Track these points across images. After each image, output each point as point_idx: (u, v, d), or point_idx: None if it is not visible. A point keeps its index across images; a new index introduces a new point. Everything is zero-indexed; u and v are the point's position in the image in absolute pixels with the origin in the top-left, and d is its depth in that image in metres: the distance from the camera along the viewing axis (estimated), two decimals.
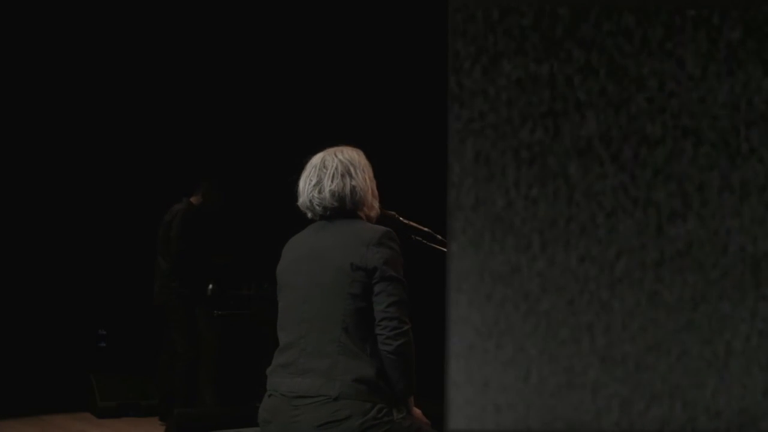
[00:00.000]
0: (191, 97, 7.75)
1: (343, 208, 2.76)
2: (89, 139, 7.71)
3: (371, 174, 2.86)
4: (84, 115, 7.65)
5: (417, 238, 3.12)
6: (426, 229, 3.14)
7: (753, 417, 1.13)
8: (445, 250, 3.08)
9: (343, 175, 2.75)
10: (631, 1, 1.14)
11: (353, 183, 2.76)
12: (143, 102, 7.74)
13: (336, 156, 2.79)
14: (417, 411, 2.79)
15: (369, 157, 2.90)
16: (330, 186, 2.74)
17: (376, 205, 2.88)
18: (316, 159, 2.82)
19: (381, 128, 7.12)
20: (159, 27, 7.44)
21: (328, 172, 2.76)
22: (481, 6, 1.14)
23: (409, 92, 7.30)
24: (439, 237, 3.14)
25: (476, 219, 1.16)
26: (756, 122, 1.17)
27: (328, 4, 7.31)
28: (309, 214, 2.84)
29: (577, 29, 1.15)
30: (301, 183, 2.81)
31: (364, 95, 7.61)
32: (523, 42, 1.16)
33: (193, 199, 6.62)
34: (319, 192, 2.75)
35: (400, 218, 3.06)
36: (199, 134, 7.82)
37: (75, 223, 7.72)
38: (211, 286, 6.73)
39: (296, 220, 2.98)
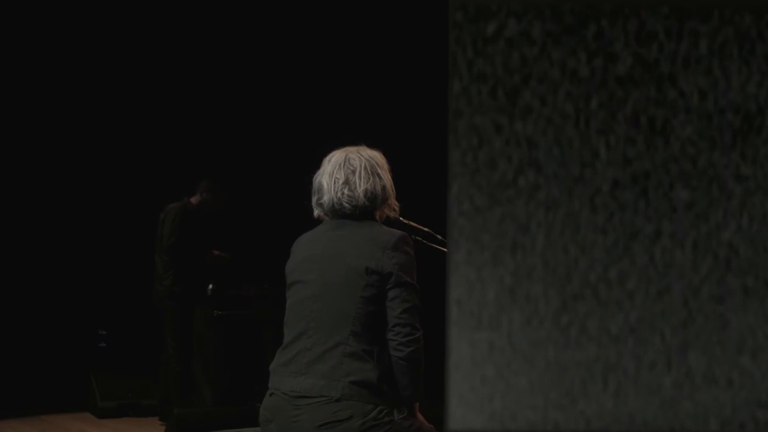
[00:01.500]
0: (192, 97, 7.75)
1: (374, 208, 2.74)
2: (90, 140, 7.71)
3: None
4: (85, 115, 7.65)
5: (417, 238, 3.12)
6: (426, 229, 3.13)
7: (756, 417, 1.13)
8: (445, 250, 3.08)
9: (372, 175, 2.73)
10: (637, 1, 1.14)
11: (382, 183, 2.75)
12: (144, 102, 7.74)
13: (360, 154, 2.75)
14: (421, 417, 2.79)
15: None
16: (364, 185, 2.70)
17: (397, 207, 2.88)
18: (339, 157, 2.76)
19: (381, 128, 7.11)
20: (161, 27, 7.44)
21: (358, 170, 2.72)
22: (482, 5, 1.14)
23: (409, 92, 7.30)
24: (439, 237, 3.14)
25: (477, 218, 1.16)
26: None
27: (327, 5, 7.31)
28: (317, 212, 2.81)
29: (580, 29, 1.15)
30: (325, 181, 2.75)
31: (365, 95, 7.61)
32: (525, 42, 1.16)
33: (192, 199, 6.62)
34: (350, 190, 2.71)
35: (400, 218, 3.05)
36: (200, 134, 7.82)
37: (75, 223, 7.72)
38: (211, 286, 6.73)
39: (297, 220, 2.97)
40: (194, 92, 7.74)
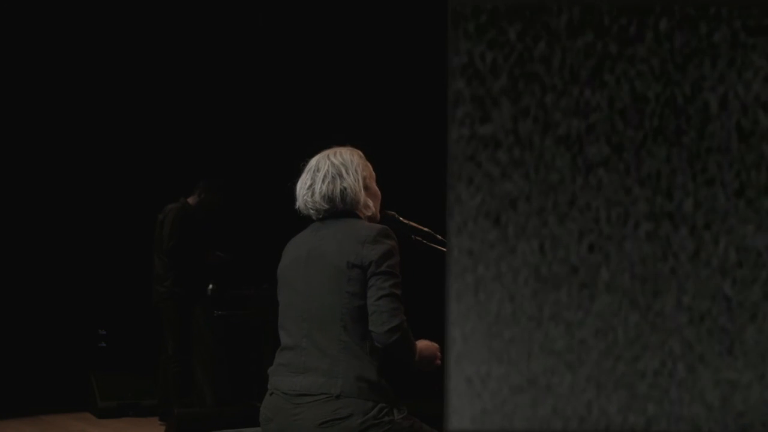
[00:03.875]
0: (191, 97, 7.75)
1: (334, 210, 2.78)
2: (89, 140, 7.71)
3: (370, 173, 2.86)
4: (84, 115, 7.65)
5: (417, 237, 3.12)
6: (426, 229, 3.14)
7: (758, 417, 1.13)
8: (445, 250, 3.08)
9: (334, 178, 2.77)
10: (637, 1, 1.14)
11: (344, 185, 2.77)
12: (143, 103, 7.74)
13: (329, 159, 2.81)
14: (424, 343, 2.80)
15: (369, 157, 2.89)
16: (321, 189, 2.77)
17: (371, 204, 2.85)
18: (312, 162, 2.85)
19: (381, 128, 7.12)
20: (159, 28, 7.44)
21: (320, 175, 2.79)
22: (482, 5, 1.14)
23: (409, 92, 7.30)
24: (439, 237, 3.14)
25: (476, 217, 1.16)
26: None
27: (328, 5, 7.31)
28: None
29: (581, 29, 1.15)
30: (298, 186, 2.85)
31: (364, 95, 7.61)
32: (524, 42, 1.16)
33: (190, 200, 6.62)
34: (312, 195, 2.78)
35: (400, 218, 3.06)
36: (200, 135, 7.82)
37: (74, 223, 7.72)
38: (211, 286, 6.73)
39: (296, 220, 2.98)
40: (192, 93, 7.74)
